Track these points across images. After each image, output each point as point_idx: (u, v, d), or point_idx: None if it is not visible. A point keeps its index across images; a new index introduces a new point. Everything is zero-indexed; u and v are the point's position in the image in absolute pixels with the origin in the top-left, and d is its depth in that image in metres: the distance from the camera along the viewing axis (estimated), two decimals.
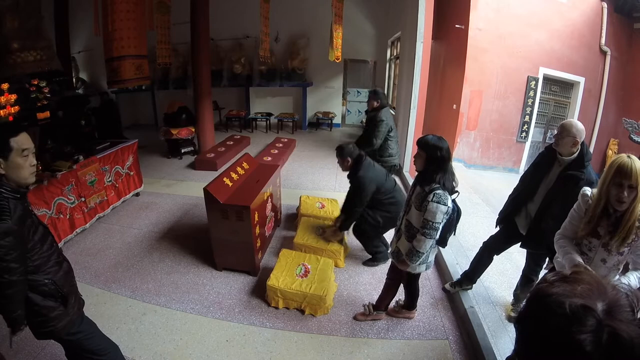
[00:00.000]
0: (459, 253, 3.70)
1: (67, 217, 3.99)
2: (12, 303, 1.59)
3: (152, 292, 3.21)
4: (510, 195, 2.77)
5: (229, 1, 8.86)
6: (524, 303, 0.76)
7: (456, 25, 6.65)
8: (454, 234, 2.38)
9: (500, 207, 2.84)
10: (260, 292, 3.14)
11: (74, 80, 9.16)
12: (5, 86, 5.17)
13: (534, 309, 0.74)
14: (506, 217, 2.74)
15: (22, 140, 1.59)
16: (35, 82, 5.89)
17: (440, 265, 3.54)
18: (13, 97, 5.28)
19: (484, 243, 2.95)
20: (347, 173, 3.40)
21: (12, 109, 5.27)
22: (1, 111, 5.08)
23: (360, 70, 10.05)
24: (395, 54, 8.39)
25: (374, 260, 3.58)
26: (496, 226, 2.86)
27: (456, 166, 6.29)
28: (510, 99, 6.92)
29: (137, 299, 3.13)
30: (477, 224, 4.37)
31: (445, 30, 7.03)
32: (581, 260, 1.86)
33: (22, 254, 1.56)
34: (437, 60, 7.21)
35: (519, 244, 2.69)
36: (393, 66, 8.68)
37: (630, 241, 1.73)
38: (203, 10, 6.64)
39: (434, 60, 6.41)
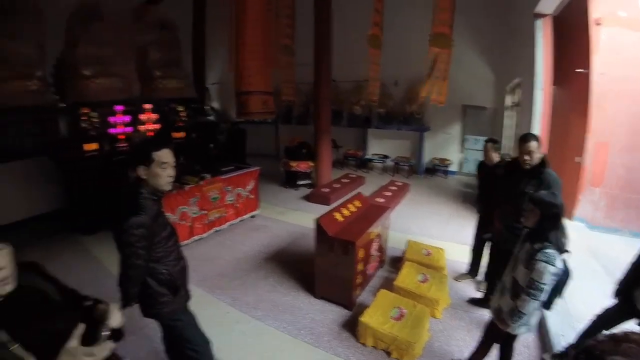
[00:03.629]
0: (565, 322, 3.30)
1: (189, 224, 4.61)
2: (130, 282, 1.90)
3: (251, 305, 3.51)
4: (633, 264, 2.43)
5: (350, 45, 9.19)
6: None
7: (577, 70, 6.14)
8: (560, 296, 2.20)
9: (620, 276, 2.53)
10: (351, 326, 3.19)
11: (206, 108, 10.44)
12: (148, 106, 6.25)
13: None
14: (625, 289, 2.42)
15: (163, 155, 1.90)
16: (174, 107, 6.94)
17: (541, 332, 3.18)
18: (154, 116, 6.35)
19: (597, 316, 2.61)
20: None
21: (153, 126, 6.33)
22: (142, 126, 6.13)
23: (478, 116, 9.50)
24: (515, 100, 7.97)
25: (483, 302, 3.48)
26: (614, 298, 2.55)
27: (577, 227, 5.67)
28: None
29: (236, 308, 3.46)
30: (591, 292, 3.87)
31: (566, 74, 6.52)
32: None
33: (149, 244, 1.89)
34: (557, 108, 6.67)
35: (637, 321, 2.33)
36: (514, 114, 8.22)
37: None
38: (326, 53, 7.17)
39: (554, 107, 5.96)
